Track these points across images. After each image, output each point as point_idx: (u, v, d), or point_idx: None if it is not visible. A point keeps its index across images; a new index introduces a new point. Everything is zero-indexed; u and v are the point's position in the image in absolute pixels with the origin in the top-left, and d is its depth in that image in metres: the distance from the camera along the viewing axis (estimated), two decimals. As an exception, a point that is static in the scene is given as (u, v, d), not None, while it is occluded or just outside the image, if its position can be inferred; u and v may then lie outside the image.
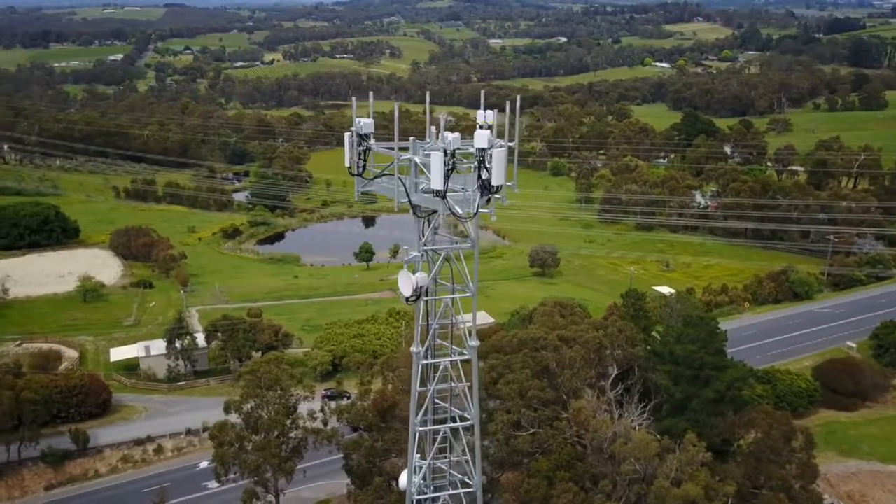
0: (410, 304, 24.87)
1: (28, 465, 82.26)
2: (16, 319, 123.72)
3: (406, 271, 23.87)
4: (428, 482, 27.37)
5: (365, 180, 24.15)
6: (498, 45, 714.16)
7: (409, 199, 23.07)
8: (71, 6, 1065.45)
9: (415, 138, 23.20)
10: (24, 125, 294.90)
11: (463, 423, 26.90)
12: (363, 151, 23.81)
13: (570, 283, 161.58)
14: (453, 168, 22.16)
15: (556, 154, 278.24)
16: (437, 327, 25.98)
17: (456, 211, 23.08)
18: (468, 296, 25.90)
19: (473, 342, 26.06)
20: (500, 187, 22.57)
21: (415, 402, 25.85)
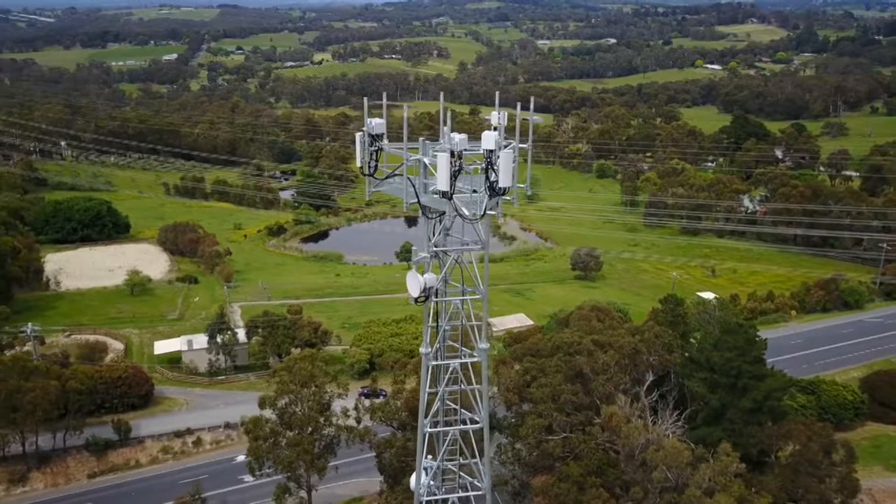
0: (419, 304, 24.86)
1: (72, 453, 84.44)
2: (66, 311, 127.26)
3: (414, 272, 23.87)
4: (438, 483, 27.35)
5: (376, 180, 24.22)
6: (546, 47, 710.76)
7: (417, 199, 23.05)
8: (129, 7, 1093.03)
9: (424, 139, 23.16)
10: (81, 123, 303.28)
11: (472, 426, 26.74)
12: (375, 152, 23.90)
13: (612, 287, 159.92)
14: (460, 169, 22.08)
15: (602, 156, 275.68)
16: (448, 329, 25.89)
17: (462, 212, 23.00)
18: (478, 298, 25.75)
19: (483, 345, 25.92)
20: (507, 189, 22.40)
21: (424, 403, 25.83)
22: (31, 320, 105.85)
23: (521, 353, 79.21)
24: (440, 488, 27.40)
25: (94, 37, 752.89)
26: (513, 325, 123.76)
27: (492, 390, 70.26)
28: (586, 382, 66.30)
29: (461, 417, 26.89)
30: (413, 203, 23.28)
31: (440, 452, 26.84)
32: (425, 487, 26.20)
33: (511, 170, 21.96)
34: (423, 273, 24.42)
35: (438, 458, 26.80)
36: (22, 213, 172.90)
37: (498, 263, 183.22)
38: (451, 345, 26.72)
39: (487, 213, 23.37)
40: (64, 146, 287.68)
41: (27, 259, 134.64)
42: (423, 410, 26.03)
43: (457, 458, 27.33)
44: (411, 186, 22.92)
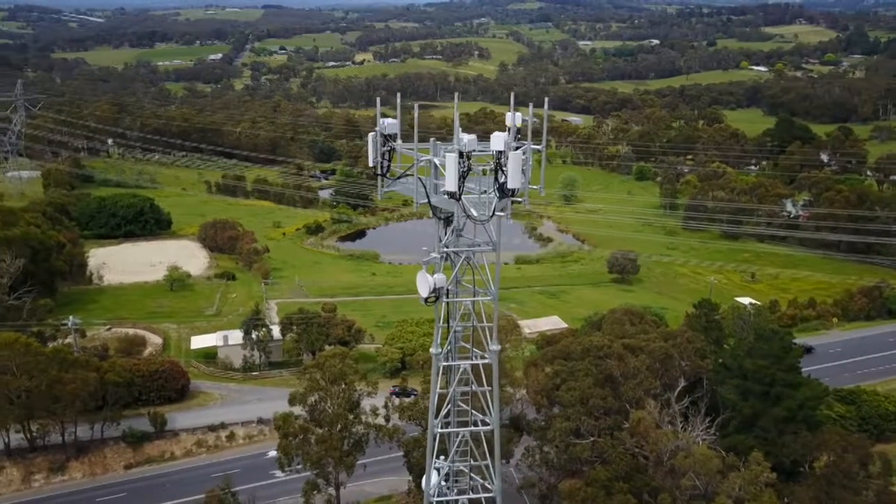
0: (429, 305, 24.91)
1: (110, 444, 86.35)
2: (107, 305, 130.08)
3: (424, 272, 23.92)
4: (450, 484, 27.38)
5: (389, 180, 24.35)
6: (588, 47, 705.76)
7: (428, 200, 23.10)
8: (176, 7, 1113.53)
9: (435, 139, 23.22)
10: (128, 121, 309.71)
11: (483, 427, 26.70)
12: (387, 152, 24.04)
13: (648, 291, 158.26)
14: (468, 170, 22.07)
15: (642, 158, 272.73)
16: (460, 330, 25.91)
17: (471, 213, 22.97)
18: (489, 299, 25.72)
19: (494, 346, 25.86)
20: (516, 191, 22.31)
21: (434, 403, 25.89)
22: (74, 313, 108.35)
23: (551, 355, 78.80)
24: (451, 489, 27.45)
25: (142, 37, 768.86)
26: (546, 328, 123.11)
27: (520, 392, 70.10)
28: (616, 386, 65.80)
29: (473, 419, 26.87)
30: (424, 203, 23.35)
31: (451, 453, 26.86)
32: (436, 488, 26.27)
33: (520, 171, 21.87)
34: (433, 273, 24.47)
35: (449, 458, 26.82)
36: (68, 209, 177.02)
37: (533, 265, 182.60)
38: (463, 346, 26.73)
39: (497, 214, 23.26)
40: (111, 144, 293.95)
41: (71, 253, 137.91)
42: (433, 411, 26.10)
43: (468, 460, 27.31)
44: (422, 187, 22.95)
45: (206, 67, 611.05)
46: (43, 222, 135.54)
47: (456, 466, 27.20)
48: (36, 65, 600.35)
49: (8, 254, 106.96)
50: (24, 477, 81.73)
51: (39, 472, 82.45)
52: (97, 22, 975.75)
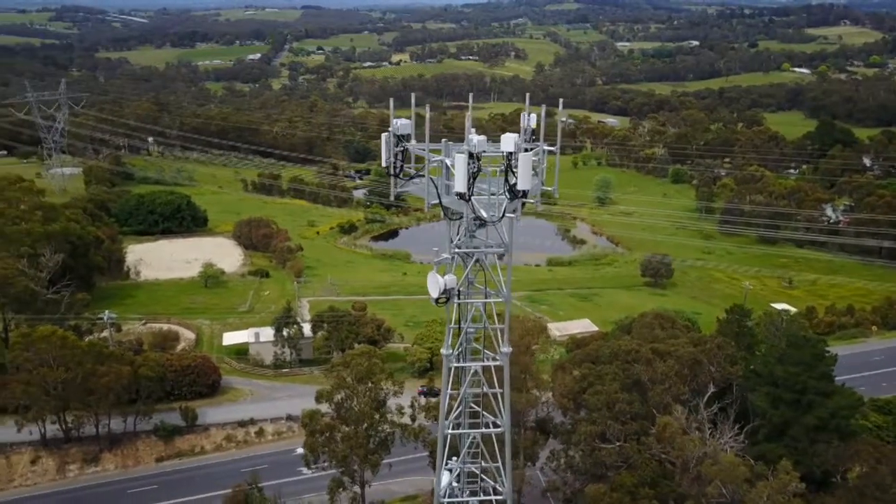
0: (440, 305, 24.93)
1: (142, 437, 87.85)
2: (143, 300, 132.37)
3: (435, 273, 23.94)
4: (462, 486, 27.37)
5: (402, 180, 24.42)
6: (626, 48, 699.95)
7: (439, 200, 23.11)
8: (217, 8, 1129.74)
9: (447, 140, 23.23)
10: (167, 119, 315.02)
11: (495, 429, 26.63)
12: (400, 152, 24.10)
13: (682, 296, 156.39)
14: (479, 171, 22.05)
15: (679, 161, 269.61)
16: (472, 331, 25.87)
17: (480, 214, 22.93)
18: (501, 301, 25.64)
19: (505, 348, 25.79)
20: (527, 192, 22.21)
21: (445, 404, 25.88)
22: (111, 308, 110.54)
23: (579, 359, 78.34)
24: (463, 490, 27.44)
25: (183, 37, 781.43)
26: (577, 331, 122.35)
27: (546, 395, 69.79)
28: (644, 391, 65.16)
29: (484, 420, 26.82)
30: (435, 204, 23.38)
31: (462, 454, 26.85)
32: (446, 489, 26.28)
33: (530, 172, 21.78)
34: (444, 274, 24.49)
35: (459, 460, 26.81)
36: (108, 206, 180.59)
37: (566, 267, 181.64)
38: (475, 347, 26.71)
39: (507, 215, 23.19)
40: (151, 142, 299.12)
41: (110, 249, 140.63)
42: (443, 412, 26.11)
43: (479, 462, 27.28)
44: (433, 187, 22.98)
45: (244, 67, 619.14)
46: (83, 218, 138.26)
47: (468, 468, 27.21)
48: (81, 64, 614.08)
49: (48, 248, 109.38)
50: (59, 467, 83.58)
51: (74, 463, 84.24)
52: (140, 22, 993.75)
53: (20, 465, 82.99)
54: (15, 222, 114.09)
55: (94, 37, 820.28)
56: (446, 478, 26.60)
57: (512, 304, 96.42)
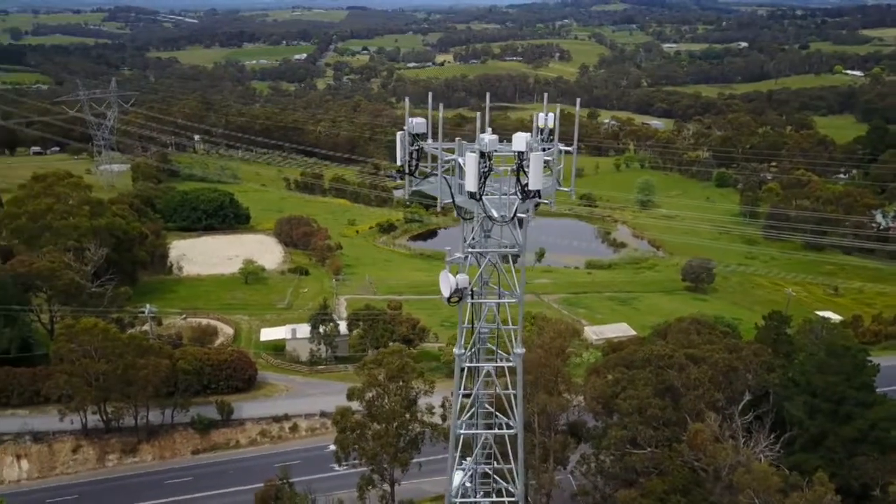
0: (452, 305, 24.90)
1: (179, 430, 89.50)
2: (185, 295, 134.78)
3: (447, 272, 23.92)
4: (476, 486, 27.28)
5: (416, 179, 24.46)
6: (672, 50, 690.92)
7: (452, 199, 23.09)
8: (265, 8, 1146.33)
9: (460, 139, 23.19)
10: (214, 118, 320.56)
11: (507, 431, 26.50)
12: (415, 151, 24.14)
13: (723, 301, 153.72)
14: (490, 170, 21.96)
15: (723, 164, 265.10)
16: (486, 331, 25.77)
17: (491, 213, 22.82)
18: (514, 301, 25.49)
19: (518, 350, 25.64)
20: (538, 192, 22.03)
21: (457, 404, 25.85)
22: (153, 302, 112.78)
23: (613, 363, 77.59)
24: (475, 491, 27.37)
25: (231, 37, 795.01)
26: (613, 335, 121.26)
27: (577, 399, 69.27)
28: (677, 397, 64.23)
29: (497, 422, 26.73)
30: (448, 203, 23.36)
31: (474, 455, 26.79)
32: (458, 489, 26.24)
33: (541, 172, 21.61)
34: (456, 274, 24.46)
35: (471, 460, 26.76)
36: (153, 202, 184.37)
37: (605, 270, 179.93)
38: (490, 347, 26.64)
39: (519, 215, 23.05)
40: (197, 140, 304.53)
41: (154, 244, 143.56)
42: (455, 412, 26.09)
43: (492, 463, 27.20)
44: (446, 186, 22.98)
45: (290, 67, 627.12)
46: (129, 214, 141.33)
47: (481, 468, 27.16)
48: (132, 63, 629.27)
49: (93, 243, 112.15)
50: (99, 456, 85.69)
51: (113, 453, 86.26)
52: (191, 23, 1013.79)
53: (62, 454, 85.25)
54: (63, 217, 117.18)
55: (145, 37, 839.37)
56: (458, 478, 26.60)
57: (549, 306, 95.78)
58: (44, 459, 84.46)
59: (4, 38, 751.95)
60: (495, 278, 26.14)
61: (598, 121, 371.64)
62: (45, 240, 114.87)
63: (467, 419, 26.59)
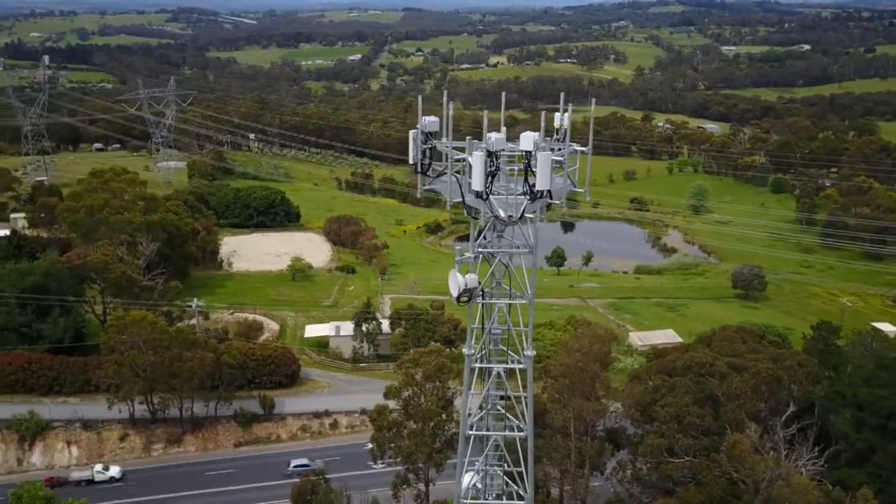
0: (461, 304, 24.79)
1: (222, 422, 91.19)
2: (234, 290, 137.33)
3: (455, 272, 23.82)
4: (488, 488, 27.12)
5: (429, 178, 24.43)
6: (731, 52, 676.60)
7: (462, 199, 23.00)
8: (322, 9, 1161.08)
9: (471, 138, 23.08)
10: (268, 117, 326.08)
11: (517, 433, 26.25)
12: (428, 150, 24.10)
13: (774, 310, 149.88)
14: (497, 169, 21.79)
15: (780, 170, 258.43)
16: (499, 332, 25.58)
17: (498, 213, 22.65)
18: (525, 303, 25.25)
19: (529, 352, 25.41)
20: (545, 193, 21.76)
21: (466, 405, 25.71)
22: (202, 297, 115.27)
23: (655, 369, 76.37)
24: (486, 493, 27.21)
25: (288, 37, 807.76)
26: (659, 341, 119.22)
27: (615, 405, 68.39)
28: (717, 406, 62.93)
29: (509, 424, 26.52)
30: (457, 201, 23.28)
31: (483, 456, 26.65)
32: (467, 490, 26.14)
33: (549, 172, 21.35)
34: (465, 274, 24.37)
35: (481, 462, 26.62)
36: (207, 199, 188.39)
37: (654, 276, 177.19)
38: (502, 349, 26.45)
39: (527, 216, 22.82)
40: (252, 139, 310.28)
41: (205, 240, 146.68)
42: (465, 412, 25.97)
43: (502, 465, 27.01)
44: (456, 185, 22.90)
45: (345, 68, 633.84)
46: (182, 210, 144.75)
47: (493, 470, 27.02)
48: (192, 63, 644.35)
49: (145, 237, 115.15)
50: (144, 445, 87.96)
51: (158, 443, 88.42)
52: (250, 23, 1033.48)
53: (110, 441, 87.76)
54: (118, 212, 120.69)
55: (206, 37, 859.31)
56: (468, 479, 26.50)
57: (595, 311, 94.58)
58: (92, 446, 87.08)
59: (73, 39, 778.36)
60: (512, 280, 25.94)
61: (651, 124, 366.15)
62: (101, 234, 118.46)
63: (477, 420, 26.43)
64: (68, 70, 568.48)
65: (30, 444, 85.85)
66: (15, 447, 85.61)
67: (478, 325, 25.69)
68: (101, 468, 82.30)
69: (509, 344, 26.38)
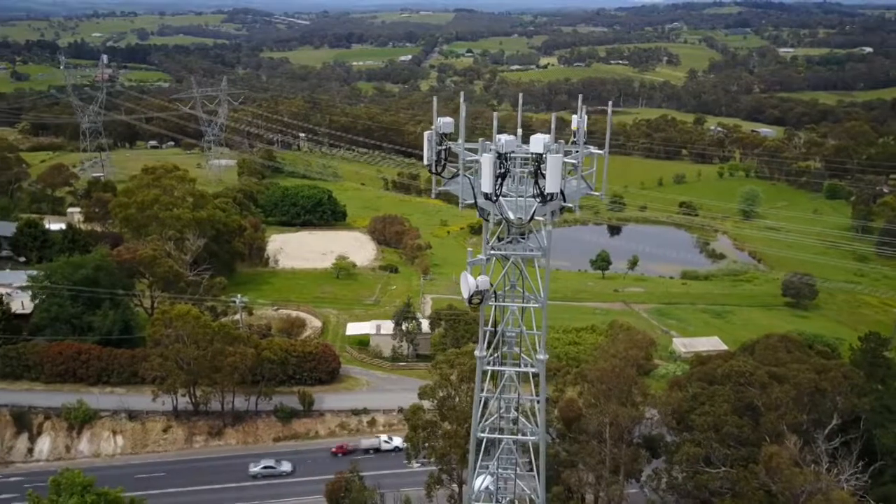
0: (473, 306, 24.72)
1: (262, 417, 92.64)
2: (279, 287, 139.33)
3: (467, 273, 23.76)
4: (502, 492, 26.98)
5: (444, 178, 24.43)
6: (788, 55, 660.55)
7: (475, 200, 22.94)
8: (374, 10, 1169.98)
9: (484, 139, 22.99)
10: (318, 117, 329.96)
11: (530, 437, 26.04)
12: (443, 151, 24.10)
13: (825, 319, 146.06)
14: (507, 171, 21.67)
15: (836, 175, 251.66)
16: (512, 335, 25.44)
17: (507, 215, 22.51)
18: (538, 306, 25.04)
19: (542, 356, 25.18)
20: (555, 195, 21.54)
21: (478, 407, 25.61)
22: (248, 293, 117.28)
23: (696, 377, 75.10)
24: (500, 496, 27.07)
25: (340, 38, 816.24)
26: (703, 348, 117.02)
27: (652, 412, 67.46)
28: (757, 416, 61.57)
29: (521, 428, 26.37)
30: (469, 203, 23.24)
31: (494, 460, 26.53)
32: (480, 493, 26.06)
33: (559, 175, 21.13)
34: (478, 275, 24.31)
35: (492, 465, 26.51)
36: (255, 196, 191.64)
37: (701, 281, 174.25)
38: (516, 351, 26.29)
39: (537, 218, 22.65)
40: (302, 138, 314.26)
41: (252, 237, 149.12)
42: (476, 415, 25.89)
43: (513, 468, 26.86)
44: (469, 186, 22.86)
45: (395, 68, 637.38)
46: (230, 207, 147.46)
47: (506, 474, 26.89)
48: (246, 63, 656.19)
49: (192, 233, 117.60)
50: (186, 437, 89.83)
51: (200, 435, 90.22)
52: (303, 24, 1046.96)
53: (154, 432, 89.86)
54: (168, 208, 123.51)
55: (260, 37, 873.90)
56: (479, 481, 26.44)
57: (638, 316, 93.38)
58: (137, 436, 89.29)
59: (132, 39, 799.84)
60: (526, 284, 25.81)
61: (703, 127, 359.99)
62: (152, 229, 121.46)
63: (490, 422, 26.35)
64: (127, 69, 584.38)
65: (77, 432, 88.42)
66: (64, 434, 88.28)
67: (489, 328, 25.60)
68: (386, 438, 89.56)
69: (521, 347, 26.22)
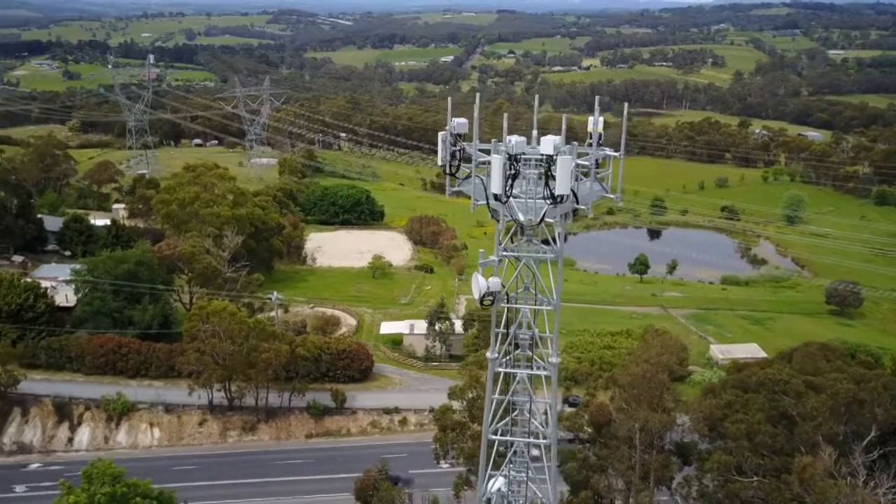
0: (484, 307, 24.64)
1: (295, 413, 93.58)
2: (315, 285, 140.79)
3: (478, 274, 23.70)
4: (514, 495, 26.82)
5: (458, 179, 24.41)
6: (839, 57, 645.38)
7: (487, 201, 22.87)
8: (417, 11, 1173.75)
9: (496, 140, 22.88)
10: (359, 117, 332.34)
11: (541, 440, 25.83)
12: (457, 151, 24.09)
13: (871, 328, 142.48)
14: (517, 173, 21.54)
15: (885, 181, 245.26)
16: (526, 337, 25.27)
17: (517, 217, 22.38)
18: (550, 308, 24.84)
19: (554, 359, 24.99)
20: (566, 197, 21.34)
21: (489, 409, 25.49)
22: (284, 290, 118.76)
23: (730, 384, 73.83)
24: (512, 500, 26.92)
25: (383, 38, 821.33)
26: (741, 355, 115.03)
27: (682, 418, 66.56)
28: (792, 426, 60.29)
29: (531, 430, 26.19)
30: (481, 204, 23.17)
31: (506, 462, 26.40)
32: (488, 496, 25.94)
33: (569, 177, 20.94)
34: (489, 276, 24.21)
35: (503, 467, 26.37)
36: (295, 195, 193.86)
37: (742, 287, 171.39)
38: (529, 354, 26.14)
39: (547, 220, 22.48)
40: (344, 137, 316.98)
41: (290, 235, 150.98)
42: (488, 417, 25.79)
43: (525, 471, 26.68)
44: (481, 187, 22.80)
45: (437, 69, 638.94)
46: (270, 205, 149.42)
47: (520, 477, 26.75)
48: (290, 63, 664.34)
49: (231, 230, 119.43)
50: (221, 431, 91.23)
51: (234, 430, 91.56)
52: (346, 25, 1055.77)
53: (189, 426, 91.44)
54: (208, 205, 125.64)
55: (304, 38, 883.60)
56: (491, 484, 26.34)
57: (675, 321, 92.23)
58: (173, 429, 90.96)
59: (180, 39, 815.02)
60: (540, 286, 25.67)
61: (747, 130, 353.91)
62: (192, 226, 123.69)
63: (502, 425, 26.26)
64: (174, 69, 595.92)
65: (116, 423, 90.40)
66: (102, 426, 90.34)
67: (501, 329, 25.53)
68: None
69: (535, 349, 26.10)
